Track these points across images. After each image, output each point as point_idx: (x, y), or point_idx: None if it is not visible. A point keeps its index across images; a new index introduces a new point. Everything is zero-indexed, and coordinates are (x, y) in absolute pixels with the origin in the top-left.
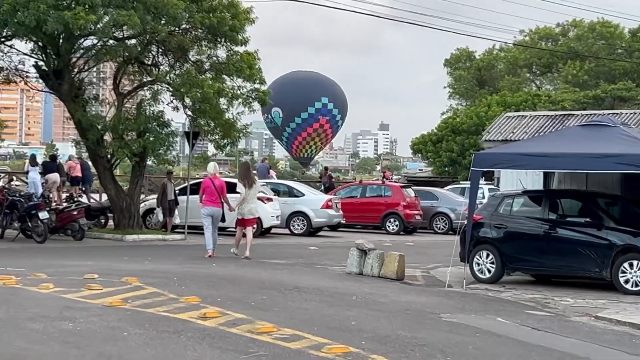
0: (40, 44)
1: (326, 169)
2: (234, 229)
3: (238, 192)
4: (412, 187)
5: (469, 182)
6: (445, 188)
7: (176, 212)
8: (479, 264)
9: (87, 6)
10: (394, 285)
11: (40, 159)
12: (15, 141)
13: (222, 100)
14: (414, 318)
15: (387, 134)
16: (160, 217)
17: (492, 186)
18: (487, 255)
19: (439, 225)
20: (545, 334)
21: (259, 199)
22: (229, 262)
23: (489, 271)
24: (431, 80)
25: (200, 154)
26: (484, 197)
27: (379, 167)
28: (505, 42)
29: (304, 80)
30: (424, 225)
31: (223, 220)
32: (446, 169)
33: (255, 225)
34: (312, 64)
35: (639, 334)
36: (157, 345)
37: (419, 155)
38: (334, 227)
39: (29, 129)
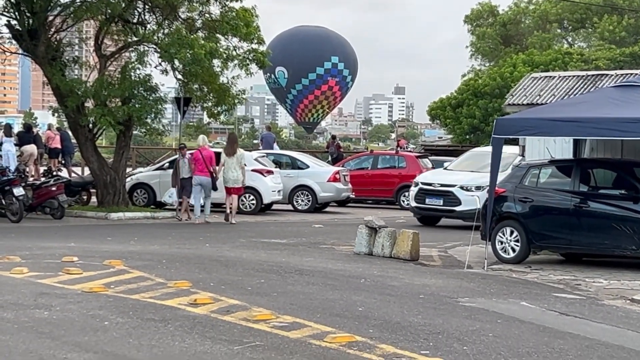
0: (12, 0)
1: (334, 137)
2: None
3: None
4: (429, 157)
5: None
6: None
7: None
8: (502, 242)
9: None
10: (407, 266)
11: (17, 129)
12: None
13: (216, 62)
14: (429, 303)
15: (403, 99)
16: (174, 198)
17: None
18: (511, 233)
19: None
20: (574, 320)
21: (258, 170)
22: (224, 242)
23: (513, 250)
24: (452, 37)
25: (194, 123)
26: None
27: (393, 135)
28: None
29: (312, 37)
30: None
31: (215, 188)
32: (467, 136)
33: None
34: (319, 21)
35: None
36: (141, 335)
37: (437, 121)
38: (342, 203)
39: (4, 95)
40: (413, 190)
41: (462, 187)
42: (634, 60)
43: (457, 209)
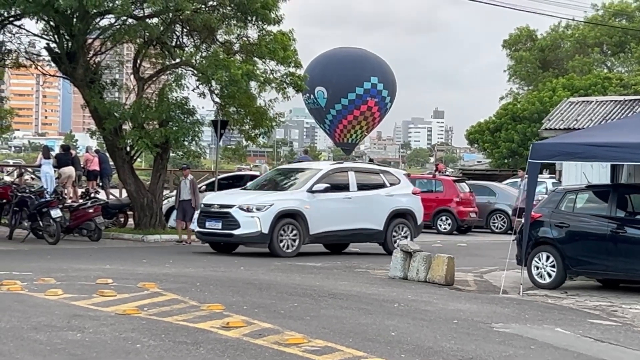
0: (52, 23)
1: (371, 160)
2: None
3: None
4: (467, 182)
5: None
6: (504, 182)
7: (196, 215)
8: (538, 268)
9: None
10: (442, 291)
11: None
12: (31, 131)
13: (253, 85)
14: (462, 328)
15: (442, 122)
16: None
17: (555, 180)
18: (547, 258)
19: (496, 224)
20: (609, 346)
21: None
22: (258, 265)
23: (549, 275)
24: (492, 61)
25: (232, 146)
26: (546, 193)
27: (432, 159)
28: (573, 19)
29: (351, 58)
30: (480, 224)
31: None
32: (505, 160)
33: None
34: (360, 44)
35: None
36: (172, 358)
37: (475, 145)
38: None
39: (45, 117)
40: (196, 213)
41: (241, 208)
42: None
43: (236, 232)
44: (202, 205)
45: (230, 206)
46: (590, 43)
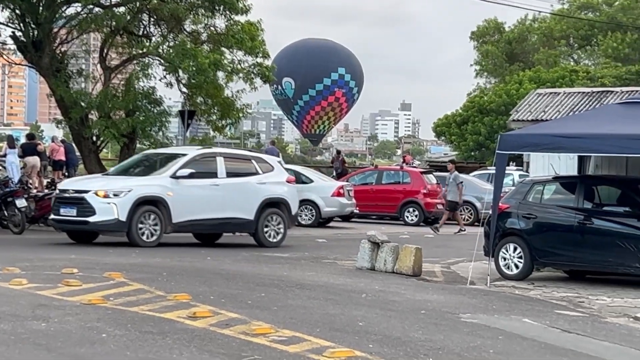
0: (17, 11)
1: (338, 152)
2: None
3: None
4: (434, 173)
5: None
6: (471, 174)
7: None
8: (505, 259)
9: None
10: (409, 281)
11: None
12: None
13: (220, 75)
14: (430, 319)
15: (409, 115)
16: None
17: (523, 172)
18: (515, 249)
19: (463, 216)
20: (576, 337)
21: None
22: (225, 256)
23: (517, 266)
24: (460, 55)
25: (199, 137)
26: (514, 185)
27: (399, 151)
28: (540, 12)
29: (318, 49)
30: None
31: None
32: (472, 153)
33: None
34: (328, 36)
35: None
36: (138, 348)
37: (442, 138)
38: (346, 218)
39: (11, 107)
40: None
41: (97, 194)
42: None
43: (91, 219)
44: (58, 191)
45: (86, 191)
46: (557, 36)
